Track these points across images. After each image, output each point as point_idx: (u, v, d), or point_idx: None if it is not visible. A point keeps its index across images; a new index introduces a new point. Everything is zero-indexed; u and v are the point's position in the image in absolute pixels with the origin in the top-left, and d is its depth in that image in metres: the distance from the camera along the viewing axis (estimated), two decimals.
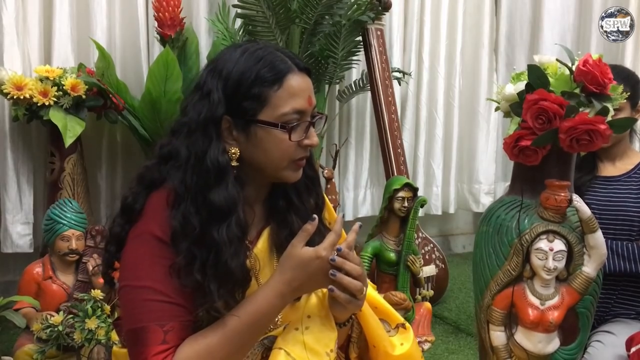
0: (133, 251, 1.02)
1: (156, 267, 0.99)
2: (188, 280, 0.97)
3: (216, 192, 1.00)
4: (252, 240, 1.12)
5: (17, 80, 2.31)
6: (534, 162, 1.35)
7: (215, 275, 0.98)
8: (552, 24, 3.61)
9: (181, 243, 0.98)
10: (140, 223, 1.03)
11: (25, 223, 2.59)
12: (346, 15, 2.77)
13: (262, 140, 1.04)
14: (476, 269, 1.47)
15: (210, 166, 1.00)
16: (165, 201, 1.02)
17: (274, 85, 1.02)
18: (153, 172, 1.06)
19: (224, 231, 0.99)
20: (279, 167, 1.06)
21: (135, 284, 0.99)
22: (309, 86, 1.06)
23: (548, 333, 1.37)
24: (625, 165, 1.87)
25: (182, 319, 0.99)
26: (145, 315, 0.98)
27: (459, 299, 2.87)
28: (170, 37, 2.55)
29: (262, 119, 1.03)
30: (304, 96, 1.04)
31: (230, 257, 0.99)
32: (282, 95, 1.02)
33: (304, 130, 1.06)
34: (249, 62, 1.03)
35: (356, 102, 3.31)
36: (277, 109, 1.02)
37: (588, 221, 1.33)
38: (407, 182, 2.42)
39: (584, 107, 1.30)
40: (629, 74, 1.89)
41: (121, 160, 2.84)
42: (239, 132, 1.04)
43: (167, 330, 0.97)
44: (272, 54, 1.05)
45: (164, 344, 0.96)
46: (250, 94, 1.02)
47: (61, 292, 2.08)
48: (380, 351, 1.17)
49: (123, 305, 1.02)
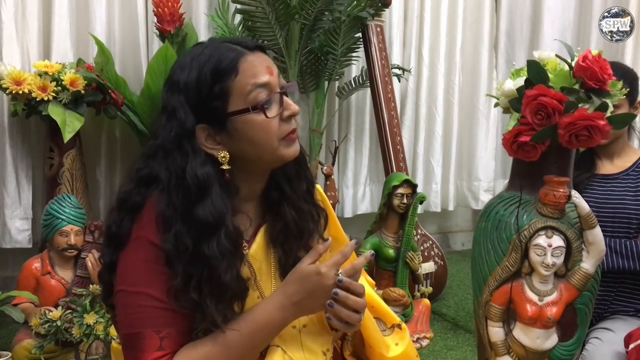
0: (129, 256, 1.01)
1: (153, 273, 0.98)
2: (185, 301, 0.97)
3: (201, 207, 0.99)
4: (249, 239, 1.11)
5: (16, 75, 2.31)
6: (533, 157, 1.34)
7: (211, 292, 0.97)
8: (552, 21, 3.60)
9: (177, 265, 0.97)
10: (136, 228, 1.01)
11: (24, 218, 2.59)
12: (346, 12, 2.77)
13: (243, 131, 1.02)
14: (475, 265, 1.47)
15: (191, 182, 0.99)
16: (153, 219, 1.00)
17: (231, 75, 1.01)
18: (134, 196, 1.04)
19: (214, 245, 0.98)
20: (272, 149, 1.04)
21: (131, 289, 0.99)
22: (265, 59, 1.05)
23: (546, 329, 1.37)
24: (624, 162, 1.87)
25: (178, 326, 0.98)
26: (142, 321, 0.97)
27: (457, 296, 2.87)
28: (169, 33, 2.55)
29: (233, 109, 1.01)
30: (262, 69, 1.03)
31: (224, 271, 0.98)
32: (241, 79, 1.01)
33: (278, 103, 1.04)
34: (200, 65, 1.02)
35: (356, 99, 3.31)
36: (242, 93, 1.01)
37: (587, 217, 1.33)
38: (406, 178, 2.43)
39: (583, 103, 1.30)
40: (627, 70, 1.89)
41: (120, 156, 2.84)
42: (219, 134, 1.03)
43: (163, 336, 0.97)
44: (218, 48, 1.04)
45: (160, 350, 0.96)
46: (213, 94, 1.01)
47: (60, 287, 2.09)
48: (375, 352, 1.18)
49: (119, 309, 1.01)
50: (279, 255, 1.13)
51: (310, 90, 2.95)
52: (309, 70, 2.94)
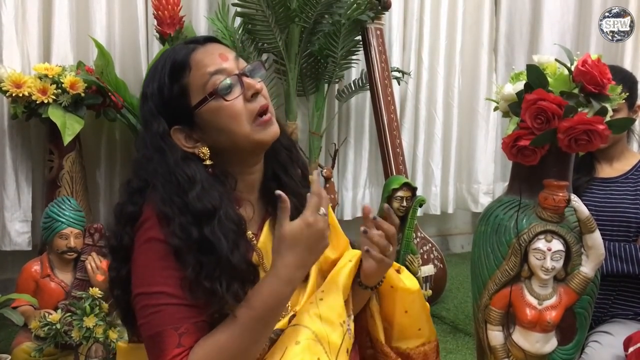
0: (142, 258, 1.02)
1: (166, 271, 0.99)
2: (199, 292, 0.97)
3: (194, 197, 1.00)
4: (256, 232, 1.12)
5: (16, 78, 2.31)
6: (532, 162, 1.35)
7: (221, 275, 0.98)
8: (552, 24, 3.61)
9: (186, 256, 0.98)
10: (142, 232, 1.02)
11: (23, 221, 2.59)
12: (346, 15, 2.77)
13: (211, 121, 1.04)
14: (474, 269, 1.47)
15: (179, 177, 1.01)
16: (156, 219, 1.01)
17: (185, 71, 1.04)
18: (128, 206, 1.05)
19: (216, 229, 0.99)
20: (246, 134, 1.04)
21: (147, 290, 0.99)
22: (216, 48, 1.07)
23: (546, 333, 1.37)
24: (623, 166, 1.87)
25: (195, 320, 0.99)
26: (161, 320, 0.97)
27: (457, 299, 2.87)
28: (169, 36, 2.55)
29: (195, 102, 1.03)
30: (213, 58, 1.05)
31: (230, 251, 0.99)
32: (195, 72, 1.03)
33: (239, 84, 1.04)
34: (158, 71, 1.05)
35: (355, 102, 3.31)
36: (200, 86, 1.03)
37: (586, 221, 1.33)
38: (406, 181, 2.43)
39: (582, 107, 1.30)
40: (626, 74, 1.89)
41: (120, 158, 2.84)
42: (194, 132, 1.05)
43: (181, 333, 0.97)
44: (171, 51, 1.07)
45: (179, 347, 0.96)
46: (174, 94, 1.04)
47: (59, 290, 2.09)
48: (397, 290, 1.23)
49: (139, 313, 1.01)
50: None
51: (310, 93, 2.96)
52: (309, 73, 2.94)
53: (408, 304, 1.24)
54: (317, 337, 1.04)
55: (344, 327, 1.10)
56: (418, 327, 1.26)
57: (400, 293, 1.23)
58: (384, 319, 1.25)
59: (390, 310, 1.24)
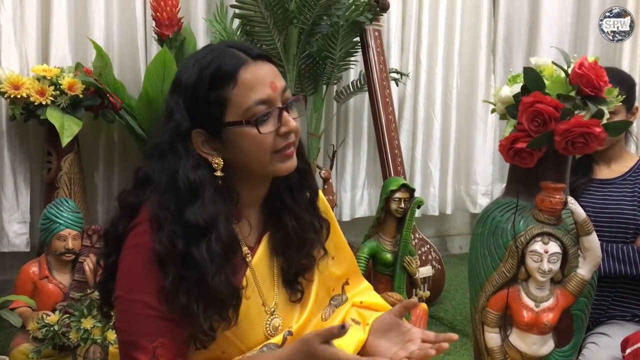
0: (129, 261, 1.01)
1: (150, 280, 0.97)
2: (174, 305, 0.96)
3: (191, 210, 0.98)
4: (253, 246, 1.11)
5: (14, 80, 2.31)
6: (529, 164, 1.35)
7: (199, 296, 0.97)
8: (550, 26, 3.61)
9: (168, 267, 0.97)
10: (134, 234, 1.01)
11: (21, 222, 2.58)
12: (344, 16, 2.77)
13: (236, 142, 1.01)
14: (471, 271, 1.48)
15: (182, 185, 0.99)
16: (148, 223, 1.00)
17: (230, 84, 0.99)
18: (131, 197, 1.05)
19: (203, 249, 0.97)
20: (264, 163, 1.03)
21: (127, 296, 0.99)
22: (269, 72, 1.02)
23: (542, 335, 1.37)
24: (621, 168, 1.88)
25: (173, 335, 0.98)
26: (136, 329, 0.97)
27: (455, 300, 2.87)
28: (168, 37, 2.55)
29: (228, 120, 1.00)
30: (264, 84, 1.00)
31: (212, 275, 0.97)
32: (240, 91, 0.99)
33: (277, 118, 1.02)
34: (200, 71, 1.00)
35: (354, 103, 3.31)
36: (240, 106, 0.99)
37: (583, 224, 1.33)
38: (404, 183, 2.42)
39: (579, 110, 1.31)
40: (624, 77, 1.90)
41: (118, 160, 2.84)
42: (214, 141, 1.02)
43: (156, 346, 0.96)
44: (222, 53, 1.01)
45: (153, 359, 0.96)
46: (210, 101, 1.00)
47: (57, 292, 2.08)
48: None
49: (117, 315, 1.01)
50: (281, 264, 1.13)
51: (309, 95, 2.96)
52: (307, 75, 2.94)
53: None
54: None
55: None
56: None
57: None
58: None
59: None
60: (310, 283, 1.17)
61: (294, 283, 1.14)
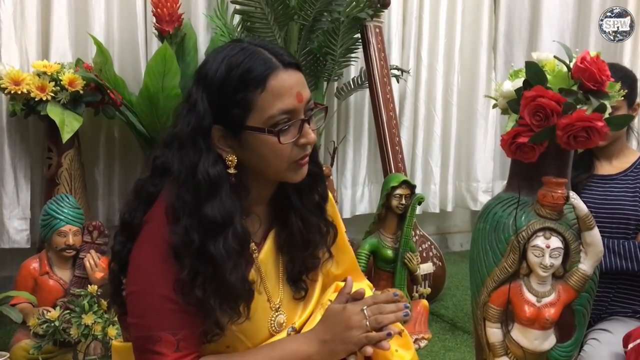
0: (143, 256, 1.00)
1: (167, 274, 0.97)
2: (190, 297, 0.96)
3: (209, 205, 0.98)
4: (259, 242, 1.11)
5: (14, 75, 2.31)
6: (531, 159, 1.34)
7: (215, 291, 0.97)
8: (551, 22, 3.61)
9: (184, 259, 0.97)
10: (149, 227, 1.01)
11: (22, 218, 2.58)
12: (345, 12, 2.77)
13: (254, 145, 1.01)
14: (473, 266, 1.47)
15: (202, 179, 0.98)
16: (164, 215, 1.00)
17: (258, 88, 0.98)
18: (148, 186, 1.04)
19: (220, 245, 0.97)
20: (279, 170, 1.03)
21: (145, 290, 0.98)
22: (297, 82, 1.01)
23: (544, 330, 1.37)
24: (622, 163, 1.87)
25: (193, 327, 0.98)
26: (158, 323, 0.97)
27: (456, 297, 2.87)
28: (168, 33, 2.55)
29: (250, 124, 0.99)
30: (291, 94, 0.99)
31: (229, 271, 0.98)
32: (267, 97, 0.98)
33: (297, 129, 1.01)
34: (229, 68, 0.99)
35: (354, 100, 3.31)
36: (264, 113, 0.98)
37: (585, 218, 1.33)
38: (405, 179, 2.43)
39: (581, 104, 1.30)
40: (626, 72, 1.89)
41: (119, 156, 2.84)
42: (231, 139, 1.02)
43: (179, 338, 0.97)
44: (253, 54, 1.00)
45: (177, 351, 0.96)
46: (235, 101, 0.99)
47: (58, 288, 2.09)
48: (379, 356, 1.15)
49: (132, 310, 1.00)
50: (286, 262, 1.14)
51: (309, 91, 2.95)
52: (308, 71, 2.93)
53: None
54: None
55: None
56: None
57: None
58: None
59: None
60: (314, 283, 1.18)
61: (299, 281, 1.15)
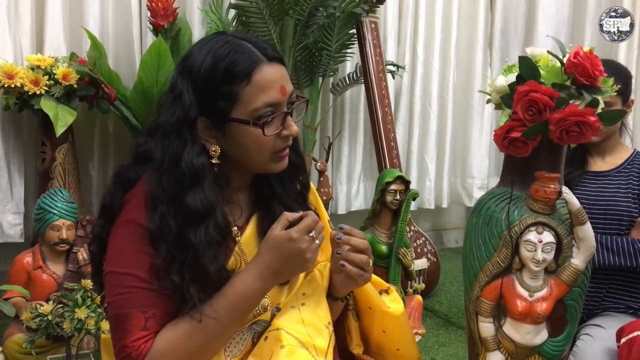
0: (119, 238, 1.03)
1: (141, 255, 1.00)
2: (167, 282, 0.98)
3: (192, 195, 1.00)
4: (242, 226, 1.12)
5: (8, 69, 2.30)
6: (524, 153, 1.34)
7: (193, 279, 0.98)
8: (547, 19, 3.61)
9: (160, 245, 0.99)
10: (126, 210, 1.03)
11: (15, 212, 2.58)
12: (340, 8, 2.76)
13: (238, 137, 1.03)
14: (466, 261, 1.47)
15: (186, 169, 1.00)
16: (143, 200, 1.02)
17: (243, 81, 1.00)
18: (129, 172, 1.07)
19: (202, 234, 0.99)
20: (261, 161, 1.06)
21: (119, 270, 1.01)
22: (281, 75, 1.04)
23: (536, 324, 1.37)
24: (615, 160, 1.87)
25: (163, 307, 1.00)
26: (128, 301, 0.99)
27: (450, 293, 2.88)
28: (163, 27, 2.54)
29: (235, 116, 1.01)
30: (275, 87, 1.02)
31: (209, 260, 0.99)
32: (251, 90, 1.00)
33: (281, 121, 1.04)
34: (215, 61, 1.01)
35: (350, 95, 3.31)
36: (249, 105, 1.01)
37: (577, 213, 1.33)
38: (399, 175, 2.43)
39: (574, 99, 1.30)
40: (621, 69, 1.90)
41: (113, 150, 2.83)
42: (215, 130, 1.04)
43: (148, 317, 0.98)
44: (238, 47, 1.02)
45: (144, 330, 0.98)
46: (220, 93, 1.01)
47: (51, 282, 2.08)
48: (376, 311, 1.20)
49: (107, 290, 1.03)
50: None
51: (305, 87, 2.95)
52: (303, 66, 2.93)
53: (387, 325, 1.22)
54: (301, 343, 1.05)
55: (329, 328, 1.10)
56: (396, 347, 1.25)
57: (379, 314, 1.21)
58: (361, 331, 1.24)
59: (368, 326, 1.24)
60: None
61: None
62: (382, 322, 1.22)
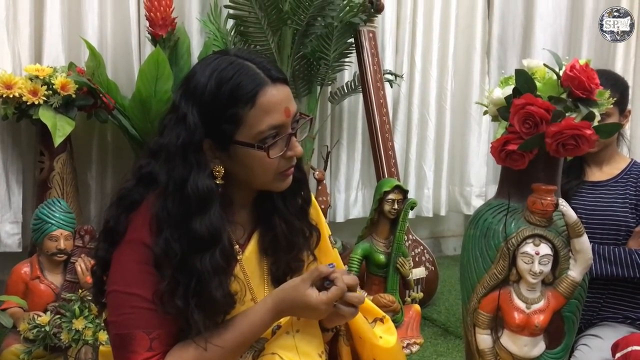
0: (124, 257, 1.02)
1: (146, 275, 0.99)
2: (171, 306, 0.98)
3: (198, 220, 0.99)
4: (243, 243, 1.12)
5: (6, 79, 2.30)
6: (520, 166, 1.35)
7: (198, 305, 0.98)
8: (544, 28, 3.62)
9: (165, 269, 0.98)
10: (131, 230, 1.02)
11: (13, 222, 2.57)
12: (338, 17, 2.77)
13: (242, 158, 1.03)
14: (463, 272, 1.48)
15: (192, 194, 0.99)
16: (148, 221, 1.01)
17: (247, 105, 1.00)
18: (133, 194, 1.05)
19: (207, 261, 0.99)
20: (266, 181, 1.06)
21: (123, 289, 1.00)
22: (285, 96, 1.03)
23: (534, 337, 1.37)
24: (612, 170, 1.88)
25: (168, 327, 1.00)
26: (133, 322, 0.98)
27: (448, 302, 2.87)
28: (161, 37, 2.55)
29: (239, 139, 1.01)
30: (279, 110, 1.02)
31: (215, 288, 0.99)
32: (256, 113, 1.00)
33: (285, 142, 1.04)
34: (219, 83, 1.00)
35: (348, 104, 3.32)
36: (254, 128, 1.00)
37: (574, 225, 1.33)
38: (397, 184, 2.43)
39: (570, 112, 1.31)
40: (617, 79, 1.90)
41: (111, 160, 2.83)
42: (219, 151, 1.04)
43: (153, 337, 0.98)
44: (242, 69, 1.01)
45: (149, 351, 0.98)
46: (224, 117, 1.00)
47: (49, 292, 2.08)
48: (366, 342, 1.20)
49: (111, 309, 1.02)
50: (270, 264, 1.15)
51: (303, 95, 2.96)
52: (302, 75, 2.94)
53: (378, 355, 1.21)
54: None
55: (322, 357, 1.11)
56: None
57: (369, 346, 1.20)
58: (352, 353, 1.23)
59: (359, 350, 1.23)
60: None
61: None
62: (372, 353, 1.21)
